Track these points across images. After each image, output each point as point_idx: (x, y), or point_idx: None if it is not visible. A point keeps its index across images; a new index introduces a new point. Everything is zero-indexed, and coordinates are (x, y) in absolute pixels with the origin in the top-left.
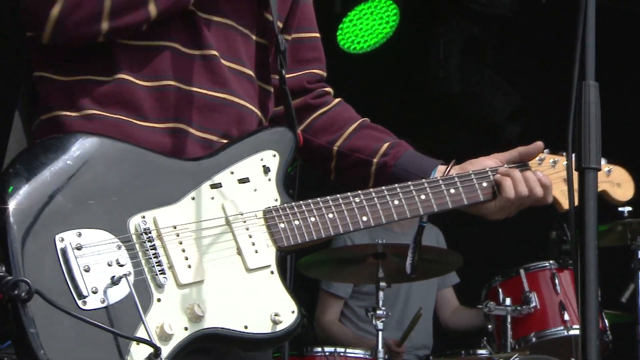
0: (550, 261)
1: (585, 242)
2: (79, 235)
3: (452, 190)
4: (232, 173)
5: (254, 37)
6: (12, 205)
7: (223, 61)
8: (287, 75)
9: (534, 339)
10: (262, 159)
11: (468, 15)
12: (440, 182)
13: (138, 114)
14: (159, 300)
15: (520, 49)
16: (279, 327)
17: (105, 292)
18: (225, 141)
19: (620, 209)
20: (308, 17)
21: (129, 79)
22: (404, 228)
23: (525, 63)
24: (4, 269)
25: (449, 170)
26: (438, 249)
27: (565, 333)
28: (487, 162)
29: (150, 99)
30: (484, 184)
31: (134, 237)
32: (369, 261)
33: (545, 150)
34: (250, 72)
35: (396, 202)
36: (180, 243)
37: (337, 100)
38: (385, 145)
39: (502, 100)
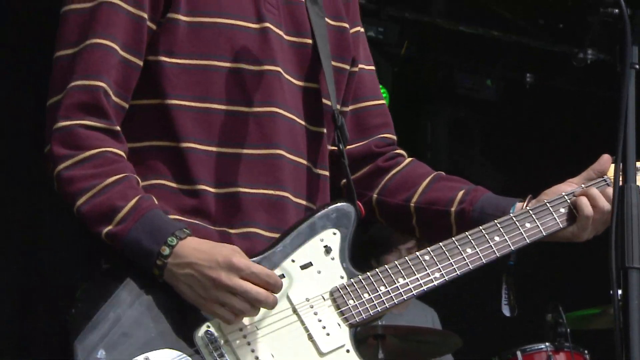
0: (546, 343)
1: (629, 337)
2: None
3: (528, 225)
4: (293, 261)
5: (309, 125)
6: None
7: (287, 155)
8: (355, 145)
9: None
10: (322, 240)
11: (455, 99)
12: (513, 218)
13: (212, 221)
14: None
15: (506, 132)
16: None
17: None
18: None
19: None
20: (369, 85)
21: (206, 189)
22: (403, 309)
23: (510, 146)
24: None
25: (526, 205)
26: (435, 331)
27: None
28: (563, 187)
29: (223, 206)
30: (562, 210)
31: (201, 348)
32: (369, 342)
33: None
34: (308, 163)
35: (469, 250)
36: (249, 344)
37: (410, 159)
38: (461, 192)
39: (489, 182)
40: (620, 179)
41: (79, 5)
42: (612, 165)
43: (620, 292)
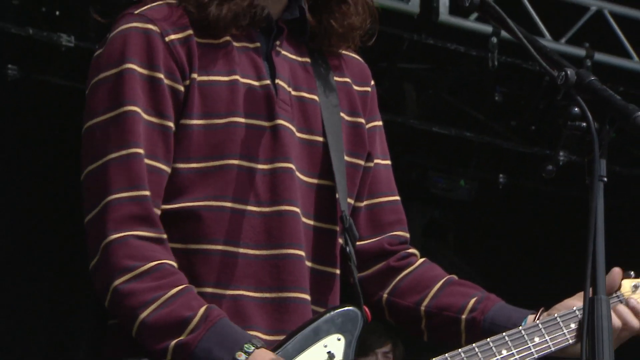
0: None
1: None
2: None
3: (537, 339)
4: None
5: (321, 224)
6: None
7: (299, 253)
8: (368, 241)
9: None
10: (325, 346)
11: (429, 199)
12: (523, 332)
13: None
14: None
15: (480, 232)
16: None
17: None
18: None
19: None
20: (384, 181)
21: (214, 292)
22: None
23: (484, 246)
24: None
25: (538, 318)
26: None
27: None
28: (574, 302)
29: (227, 308)
30: (572, 325)
31: None
32: None
33: (632, 274)
34: (317, 263)
35: None
36: None
37: (422, 260)
38: (473, 300)
39: None
40: (590, 290)
41: (101, 119)
42: (625, 280)
43: None
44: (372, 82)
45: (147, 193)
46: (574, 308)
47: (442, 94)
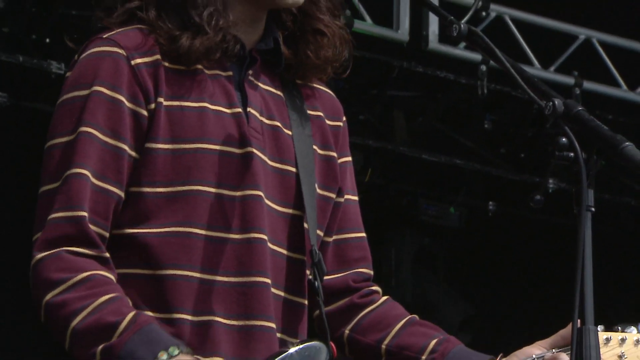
0: None
1: None
2: None
3: None
4: None
5: (291, 253)
6: None
7: (266, 281)
8: (333, 276)
9: None
10: None
11: (419, 227)
12: None
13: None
14: None
15: (470, 260)
16: None
17: None
18: None
19: None
20: (352, 217)
21: (183, 317)
22: None
23: (474, 273)
24: None
25: None
26: None
27: None
28: (533, 350)
29: (197, 334)
30: None
31: None
32: None
33: (600, 327)
34: (286, 292)
35: None
36: None
37: (385, 298)
38: (434, 342)
39: (453, 309)
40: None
41: (59, 140)
42: (613, 334)
43: None
44: (344, 118)
45: (84, 213)
46: (533, 356)
47: (432, 121)
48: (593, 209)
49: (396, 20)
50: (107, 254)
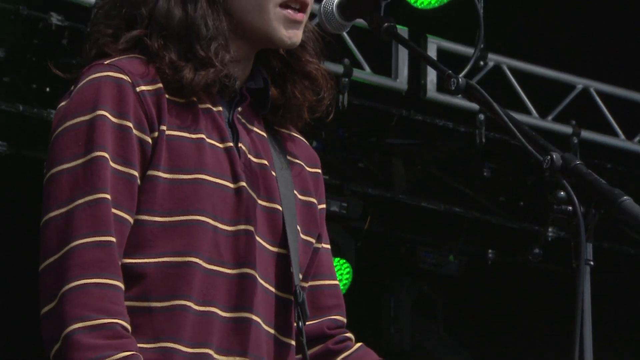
0: None
1: None
2: None
3: None
4: None
5: (279, 292)
6: None
7: (255, 319)
8: (309, 322)
9: None
10: None
11: (418, 274)
12: None
13: None
14: None
15: (469, 308)
16: None
17: None
18: None
19: None
20: (327, 264)
21: (176, 347)
22: None
23: (474, 321)
24: None
25: None
26: None
27: None
28: None
29: None
30: None
31: None
32: None
33: None
34: (276, 331)
35: None
36: None
37: (359, 344)
38: None
39: (453, 358)
40: None
41: (67, 165)
42: None
43: None
44: (320, 165)
45: (114, 239)
46: None
47: (431, 169)
48: (592, 263)
49: (395, 69)
50: (123, 286)
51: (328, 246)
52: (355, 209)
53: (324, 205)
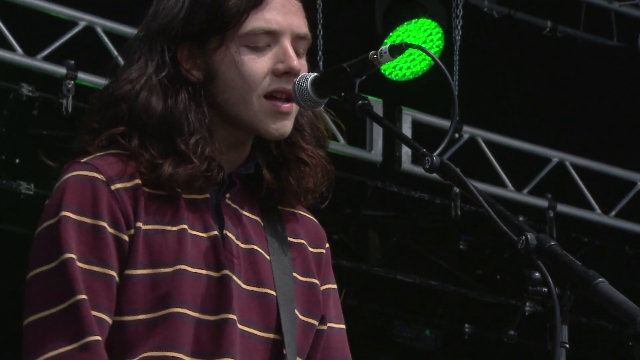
0: None
1: None
2: None
3: None
4: None
5: None
6: None
7: None
8: None
9: None
10: None
11: (394, 349)
12: None
13: None
14: None
15: None
16: None
17: None
18: None
19: None
20: (337, 345)
21: None
22: None
23: None
24: None
25: None
26: None
27: None
28: None
29: None
30: None
31: None
32: None
33: None
34: None
35: None
36: None
37: None
38: None
39: None
40: None
41: (44, 268)
42: None
43: None
44: (327, 245)
45: (99, 338)
46: None
47: (407, 241)
48: (567, 346)
49: (369, 141)
50: None
51: (339, 326)
52: None
53: (331, 285)
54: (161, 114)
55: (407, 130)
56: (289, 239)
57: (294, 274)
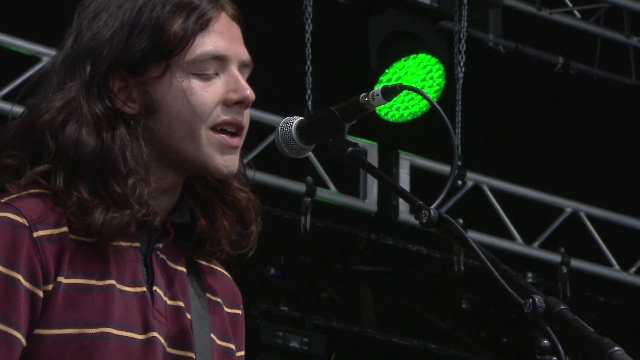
0: None
1: None
2: None
3: None
4: None
5: None
6: None
7: None
8: None
9: None
10: None
11: None
12: None
13: None
14: None
15: None
16: None
17: None
18: None
19: None
20: None
21: None
22: None
23: None
24: None
25: None
26: None
27: None
28: None
29: None
30: None
31: None
32: None
33: None
34: None
35: None
36: None
37: None
38: None
39: None
40: None
41: None
42: None
43: None
44: (242, 306)
45: None
46: None
47: (403, 300)
48: None
49: (363, 188)
50: None
51: None
52: (318, 345)
53: (242, 352)
54: (93, 150)
55: (404, 176)
56: (208, 295)
57: (212, 335)
